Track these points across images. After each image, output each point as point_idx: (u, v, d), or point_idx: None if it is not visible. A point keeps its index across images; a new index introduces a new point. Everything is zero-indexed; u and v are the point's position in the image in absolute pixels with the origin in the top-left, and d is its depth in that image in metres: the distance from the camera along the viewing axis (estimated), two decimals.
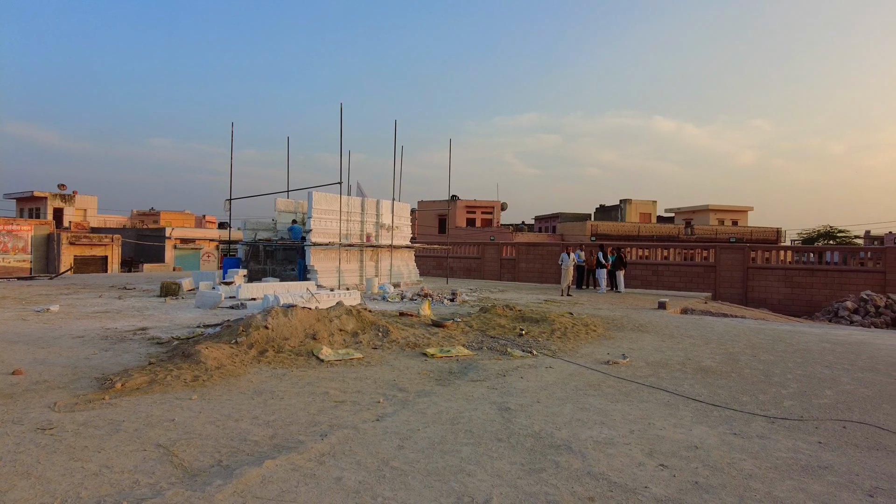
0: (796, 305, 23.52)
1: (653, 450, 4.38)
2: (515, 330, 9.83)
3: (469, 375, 6.71)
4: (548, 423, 4.95)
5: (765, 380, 6.99)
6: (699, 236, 51.01)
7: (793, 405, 5.85)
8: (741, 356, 8.55)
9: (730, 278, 25.20)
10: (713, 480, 3.82)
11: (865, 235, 53.52)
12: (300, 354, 7.37)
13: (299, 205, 21.92)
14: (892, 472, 4.07)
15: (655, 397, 6.00)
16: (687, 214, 63.68)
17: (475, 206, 58.56)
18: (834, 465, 4.19)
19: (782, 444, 4.63)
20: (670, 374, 7.15)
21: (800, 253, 26.59)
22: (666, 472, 3.95)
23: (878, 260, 23.75)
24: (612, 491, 3.60)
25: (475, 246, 31.78)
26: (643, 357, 8.24)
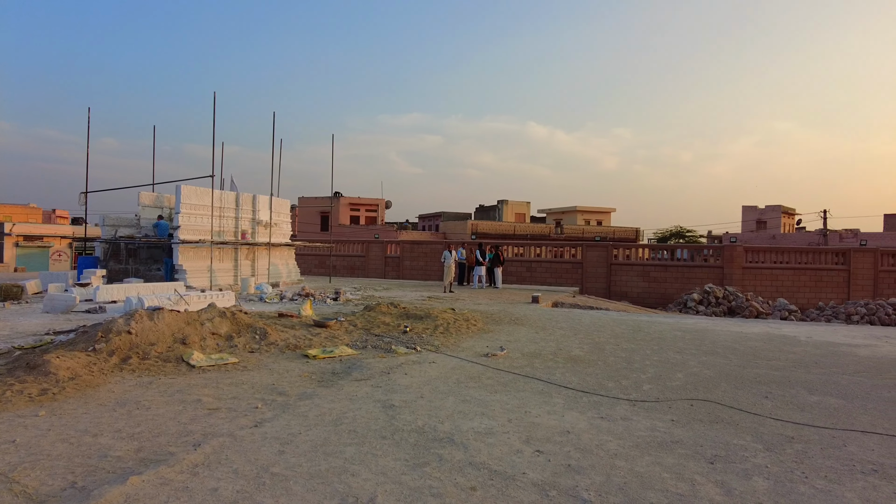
0: (652, 298, 25.94)
1: (529, 437, 4.63)
2: (400, 327, 9.89)
3: (353, 375, 6.64)
4: (431, 418, 5.05)
5: (627, 366, 7.65)
6: (568, 235, 54.50)
7: (650, 388, 6.46)
8: (606, 345, 9.28)
9: (595, 274, 27.21)
10: (584, 462, 4.12)
11: (708, 235, 60.28)
12: (168, 361, 6.86)
13: (166, 199, 20.32)
14: (728, 442, 4.65)
15: (531, 386, 6.34)
16: (557, 215, 67.74)
17: (359, 203, 57.90)
18: (683, 439, 4.70)
19: (642, 423, 5.10)
20: (544, 364, 7.58)
21: (655, 251, 29.40)
22: (542, 457, 4.19)
23: (718, 257, 26.93)
24: (492, 479, 3.75)
25: (359, 244, 31.46)
26: (519, 349, 8.66)
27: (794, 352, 9.16)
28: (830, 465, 4.21)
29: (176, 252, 17.16)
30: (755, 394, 6.31)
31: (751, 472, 4.01)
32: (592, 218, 66.68)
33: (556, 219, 66.47)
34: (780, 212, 59.24)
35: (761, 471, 4.05)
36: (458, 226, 54.59)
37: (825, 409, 5.75)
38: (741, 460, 4.25)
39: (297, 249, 24.91)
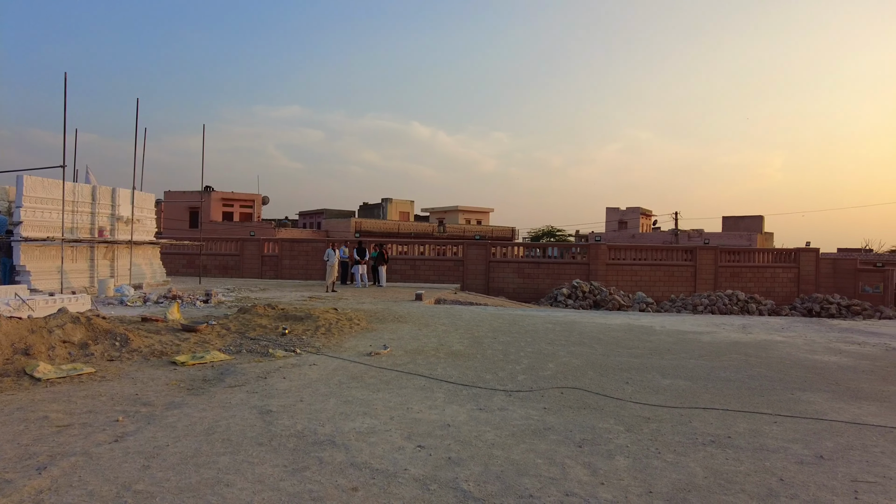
0: (527, 293, 27.31)
1: (411, 433, 4.69)
2: (278, 329, 9.53)
3: (226, 381, 6.30)
4: (311, 421, 4.93)
5: (503, 358, 8.00)
6: (450, 234, 55.72)
7: (525, 378, 6.81)
8: (485, 339, 9.62)
9: (475, 271, 28.10)
10: (463, 454, 4.25)
11: (576, 234, 64.62)
12: (6, 375, 6.06)
13: (5, 191, 17.88)
14: (594, 425, 5.03)
15: (413, 383, 6.42)
16: (440, 214, 69.02)
17: (233, 198, 54.86)
18: (555, 425, 5.01)
19: (518, 413, 5.36)
20: (426, 360, 7.70)
21: (529, 249, 30.99)
22: (423, 452, 4.26)
23: (584, 254, 28.97)
24: (374, 478, 3.75)
25: (233, 242, 29.82)
26: (402, 346, 8.73)
27: (650, 340, 10.11)
28: (679, 440, 4.71)
29: (17, 251, 15.19)
30: (617, 380, 6.89)
31: (613, 452, 4.37)
32: (473, 217, 68.73)
33: (439, 218, 67.65)
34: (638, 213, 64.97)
35: (622, 450, 4.43)
36: (342, 223, 53.70)
37: (675, 391, 6.41)
38: (605, 442, 4.62)
39: (163, 248, 23.09)
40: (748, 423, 5.24)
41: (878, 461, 4.32)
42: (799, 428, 5.12)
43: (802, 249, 31.13)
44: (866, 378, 7.35)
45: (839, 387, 6.80)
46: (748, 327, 12.27)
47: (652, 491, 3.67)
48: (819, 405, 5.94)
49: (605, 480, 3.82)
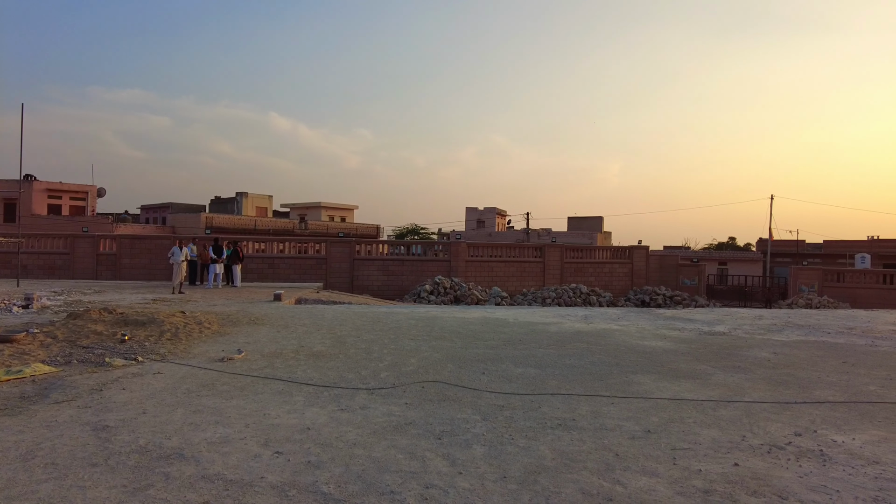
0: (391, 290, 27.47)
1: (268, 439, 4.51)
2: (116, 336, 8.62)
3: (51, 396, 5.58)
4: (156, 434, 4.55)
5: (366, 357, 7.98)
6: (313, 231, 54.25)
7: (388, 375, 6.86)
8: (348, 338, 9.53)
9: (339, 269, 27.66)
10: (324, 456, 4.18)
11: (439, 232, 66.29)
12: None
13: None
14: (453, 417, 5.22)
15: (271, 387, 6.17)
16: (301, 210, 66.88)
17: (61, 189, 48.45)
18: (416, 420, 5.11)
19: (379, 410, 5.39)
20: (285, 363, 7.44)
21: (394, 246, 31.20)
22: (281, 458, 4.12)
23: (446, 252, 29.82)
24: (227, 489, 3.56)
25: (62, 239, 26.36)
26: (259, 349, 8.34)
27: (504, 332, 10.69)
28: (530, 425, 5.04)
29: None
30: (475, 371, 7.20)
31: (471, 442, 4.57)
32: (336, 214, 67.51)
33: (300, 214, 65.48)
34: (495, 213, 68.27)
35: (479, 439, 4.65)
36: (191, 219, 49.83)
37: (526, 379, 6.85)
38: (463, 432, 4.81)
39: None
40: (590, 405, 5.76)
41: (692, 430, 4.99)
42: (632, 407, 5.73)
43: (635, 247, 34.82)
44: (684, 359, 8.42)
45: (663, 368, 7.72)
46: (590, 318, 13.46)
47: (506, 476, 3.90)
48: (647, 385, 6.70)
49: (463, 470, 3.99)
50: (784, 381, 7.05)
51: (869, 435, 4.98)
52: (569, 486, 3.74)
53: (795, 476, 4.00)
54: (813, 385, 6.90)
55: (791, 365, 8.14)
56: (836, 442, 4.76)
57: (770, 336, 11.06)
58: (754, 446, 4.61)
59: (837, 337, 11.13)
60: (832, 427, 5.18)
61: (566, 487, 3.73)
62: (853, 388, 6.80)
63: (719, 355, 8.80)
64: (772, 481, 3.90)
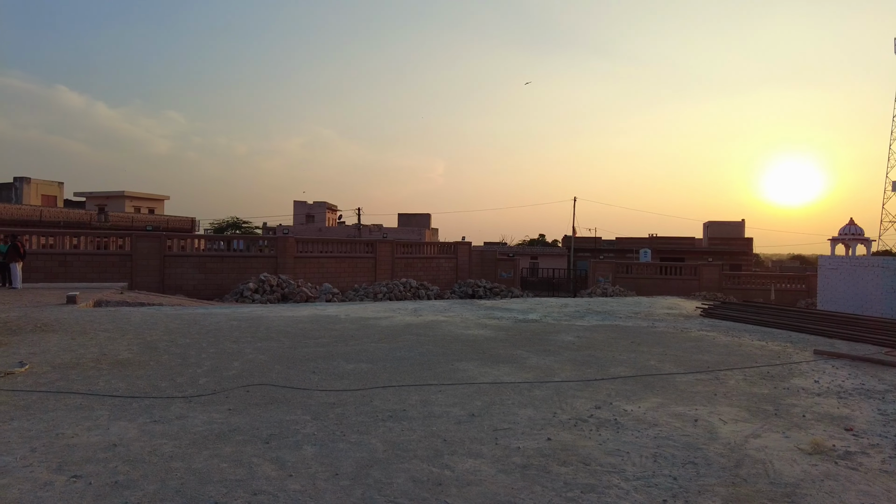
0: (209, 289, 25.52)
1: (63, 462, 3.94)
2: None
3: None
4: None
5: (182, 363, 7.33)
6: (115, 224, 48.16)
7: (207, 381, 6.38)
8: (159, 343, 8.66)
9: (147, 266, 24.97)
10: (135, 473, 3.77)
11: (264, 227, 63.04)
12: None
13: None
14: (282, 419, 5.04)
15: (65, 402, 5.39)
16: (101, 200, 58.94)
17: None
18: (241, 426, 4.84)
19: (199, 419, 4.99)
20: (83, 374, 6.54)
21: (212, 241, 28.97)
22: (80, 482, 3.63)
23: (273, 247, 28.53)
24: None
25: None
26: (49, 360, 7.22)
27: (335, 329, 10.56)
28: (362, 419, 5.06)
29: None
30: (305, 370, 7.01)
31: (301, 443, 4.46)
32: (143, 205, 60.71)
33: (98, 204, 57.60)
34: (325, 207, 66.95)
35: (309, 439, 4.55)
36: None
37: (358, 374, 6.86)
38: (293, 434, 4.67)
39: None
40: (420, 395, 5.96)
41: (511, 411, 5.42)
42: (457, 393, 6.05)
43: (459, 243, 36.67)
44: (502, 345, 9.10)
45: (485, 355, 8.26)
46: (419, 311, 13.88)
47: (338, 473, 3.88)
48: (471, 372, 7.12)
49: (293, 472, 3.87)
50: (586, 362, 7.98)
51: (650, 402, 5.86)
52: (400, 476, 3.84)
53: (596, 444, 4.57)
54: (609, 363, 7.90)
55: (592, 347, 9.23)
56: (627, 411, 5.52)
57: (574, 322, 12.42)
58: (563, 421, 5.16)
59: (627, 321, 12.88)
60: (624, 398, 6.00)
61: (398, 477, 3.82)
62: (639, 363, 7.93)
63: (532, 340, 9.66)
64: (578, 451, 4.40)
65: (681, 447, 4.53)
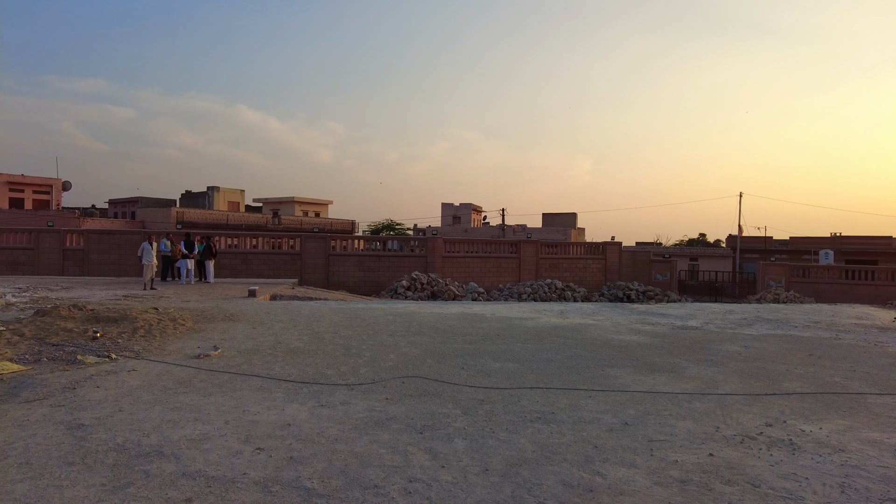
0: (367, 286, 27.35)
1: (249, 436, 4.48)
2: (88, 333, 8.43)
3: (22, 395, 5.44)
4: (134, 432, 4.48)
5: (345, 353, 7.96)
6: (286, 226, 53.63)
7: (367, 371, 6.86)
8: (325, 334, 9.48)
9: (314, 264, 27.43)
10: (306, 452, 4.17)
11: (414, 228, 66.12)
12: None
13: None
14: (434, 411, 5.25)
15: (249, 384, 6.12)
16: (274, 205, 66.05)
17: (23, 182, 47.04)
18: (397, 415, 5.13)
19: (360, 406, 5.39)
20: (262, 360, 7.38)
21: (369, 242, 31.08)
22: (263, 454, 4.10)
23: (422, 248, 29.80)
24: (210, 486, 3.53)
25: (26, 233, 25.58)
26: (235, 346, 8.25)
27: (482, 327, 10.76)
28: (510, 418, 5.10)
29: None
30: (454, 366, 7.24)
31: (452, 436, 4.61)
32: (310, 209, 66.85)
33: (273, 209, 64.68)
34: (470, 209, 68.46)
35: (460, 433, 4.69)
36: (161, 213, 48.80)
37: (505, 373, 6.92)
38: (444, 426, 4.84)
39: None
40: (568, 398, 5.85)
41: (668, 422, 5.11)
42: (609, 400, 5.84)
43: (608, 243, 35.31)
44: (658, 353, 8.60)
45: (639, 362, 7.87)
46: (565, 313, 13.63)
47: (488, 469, 3.95)
48: (624, 379, 6.83)
49: (445, 463, 4.02)
50: (755, 374, 7.25)
51: (835, 424, 5.16)
52: (550, 478, 3.81)
53: (767, 465, 4.14)
54: (782, 377, 7.11)
55: (761, 358, 8.38)
56: (805, 431, 4.93)
57: (741, 330, 11.35)
58: (728, 437, 4.75)
59: (804, 330, 11.48)
60: (801, 417, 5.36)
61: (547, 479, 3.79)
62: (819, 379, 7.03)
63: (692, 349, 9.01)
64: (745, 470, 4.02)
65: (876, 480, 3.94)
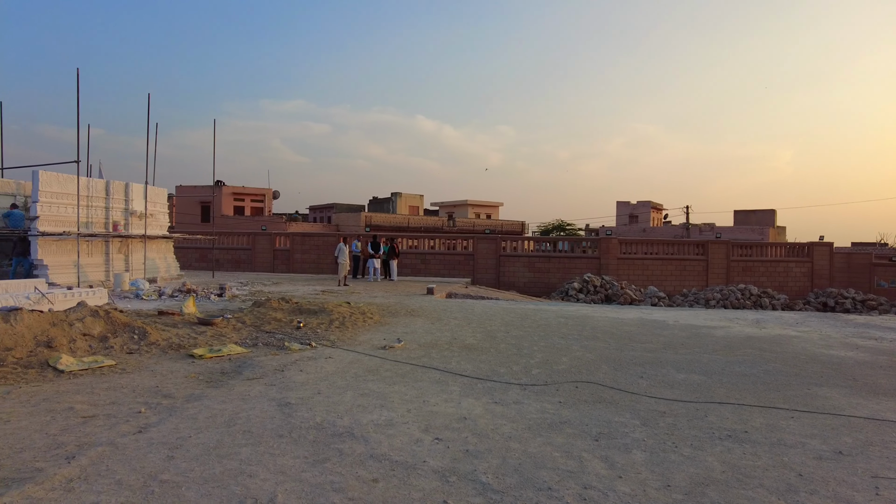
0: (537, 287, 27.28)
1: (428, 425, 4.74)
2: (293, 323, 9.62)
3: (244, 374, 6.38)
4: (330, 413, 4.99)
5: (517, 352, 8.02)
6: (460, 228, 55.73)
7: (539, 372, 6.84)
8: (497, 333, 9.65)
9: (486, 265, 28.11)
10: (481, 446, 4.29)
11: (586, 228, 64.37)
12: (31, 367, 6.18)
13: (20, 186, 18.09)
14: (610, 419, 5.05)
15: (428, 376, 6.47)
16: (449, 208, 68.99)
17: (244, 193, 55.18)
18: (571, 419, 5.04)
19: (533, 406, 5.39)
20: (440, 354, 7.75)
21: (539, 243, 30.97)
22: (441, 444, 4.31)
23: (595, 248, 28.87)
24: (394, 470, 3.80)
25: (245, 236, 30.01)
26: (416, 339, 8.77)
27: (663, 335, 10.09)
28: (695, 434, 4.71)
29: (35, 245, 15.38)
30: (632, 374, 6.89)
31: (630, 446, 4.39)
32: (482, 211, 68.64)
33: (448, 212, 67.65)
34: (649, 207, 64.59)
35: (639, 444, 4.45)
36: (352, 217, 53.85)
37: (690, 385, 6.41)
38: (622, 436, 4.63)
39: (176, 242, 23.29)
40: (765, 417, 5.23)
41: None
42: (816, 423, 5.11)
43: (816, 244, 30.83)
44: (884, 374, 7.30)
45: (856, 382, 6.76)
46: (762, 322, 12.21)
47: (670, 485, 3.69)
48: (836, 400, 5.91)
49: (622, 474, 3.85)
50: None
51: None
52: (743, 503, 3.44)
53: None
54: None
55: None
56: None
57: None
58: None
59: None
60: None
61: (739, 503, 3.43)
62: None
63: None
64: None
65: None
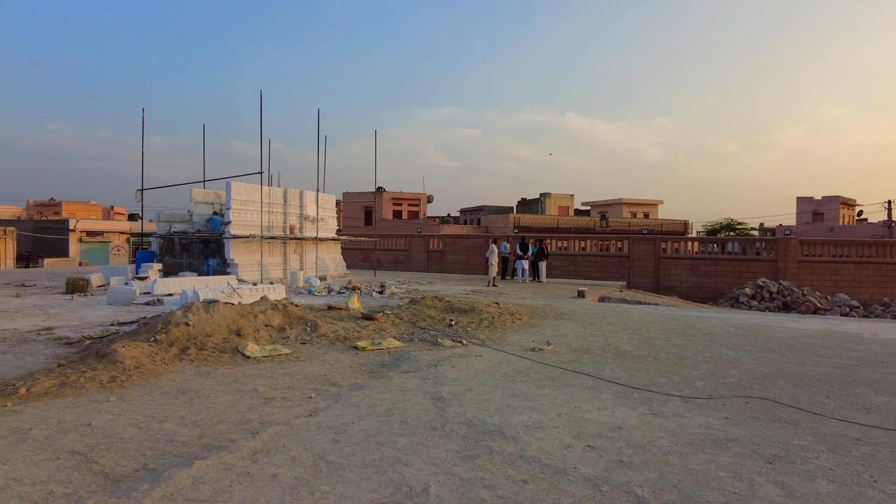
0: (702, 292, 25.23)
1: (580, 432, 4.61)
2: (445, 320, 9.95)
3: (401, 367, 6.74)
4: (480, 411, 5.08)
5: (678, 362, 7.49)
6: (613, 228, 53.51)
7: (703, 385, 6.31)
8: (656, 341, 9.09)
9: (643, 267, 26.64)
10: (636, 458, 4.07)
11: (760, 228, 58.11)
12: (224, 352, 7.12)
13: (217, 195, 20.99)
14: (788, 441, 4.50)
15: (579, 381, 6.29)
16: (602, 207, 66.55)
17: (401, 198, 58.40)
18: (739, 437, 4.58)
19: (695, 421, 4.99)
20: (592, 359, 7.50)
21: (705, 244, 28.57)
22: (593, 452, 4.17)
23: (771, 250, 25.92)
24: (544, 473, 3.75)
25: (402, 238, 31.75)
26: (566, 343, 8.59)
27: (857, 350, 8.76)
28: None
29: (227, 246, 17.72)
30: (815, 392, 6.08)
31: (813, 474, 3.88)
32: (639, 210, 65.23)
33: (600, 212, 65.36)
34: (838, 203, 56.57)
35: (825, 473, 3.91)
36: (500, 219, 54.37)
37: (894, 411, 5.49)
38: (803, 461, 4.11)
39: (343, 244, 25.33)
40: None
41: None
42: None
43: None
44: None
45: None
46: None
47: None
48: None
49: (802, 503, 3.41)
50: None
51: None
52: None
53: None
54: None
55: None
56: None
57: None
58: None
59: None
60: None
61: None
62: None
63: None
64: None
65: None
